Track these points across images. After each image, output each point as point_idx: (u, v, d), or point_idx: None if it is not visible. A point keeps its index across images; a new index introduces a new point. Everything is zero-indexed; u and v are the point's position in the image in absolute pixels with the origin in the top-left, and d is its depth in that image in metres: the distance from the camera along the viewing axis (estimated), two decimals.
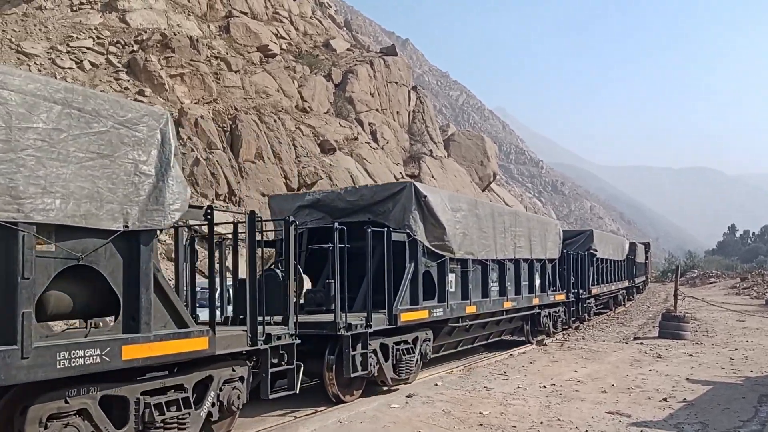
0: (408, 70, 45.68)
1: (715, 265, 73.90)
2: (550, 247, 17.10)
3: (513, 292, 14.47)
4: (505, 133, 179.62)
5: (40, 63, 22.16)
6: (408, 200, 10.48)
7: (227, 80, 28.28)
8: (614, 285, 26.42)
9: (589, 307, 21.64)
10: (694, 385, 10.49)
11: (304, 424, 8.00)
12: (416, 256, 10.52)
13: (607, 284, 24.58)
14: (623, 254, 28.84)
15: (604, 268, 24.14)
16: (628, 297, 32.06)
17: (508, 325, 15.42)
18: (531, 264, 15.62)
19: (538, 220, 17.46)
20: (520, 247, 14.80)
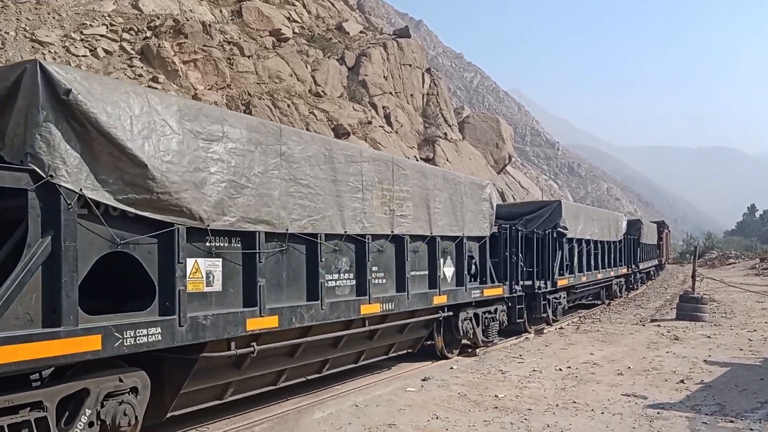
0: (422, 52, 45.39)
1: (734, 246, 73.24)
2: (471, 220, 11.54)
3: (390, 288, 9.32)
4: (520, 115, 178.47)
5: (55, 51, 22.26)
6: None
7: (240, 65, 28.27)
8: (604, 273, 21.40)
9: (555, 304, 16.88)
10: (711, 367, 10.43)
11: (320, 407, 8.06)
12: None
13: (590, 272, 19.66)
14: (618, 233, 23.41)
15: (585, 251, 19.13)
16: (628, 286, 26.95)
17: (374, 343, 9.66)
18: (432, 243, 10.20)
19: (445, 177, 10.90)
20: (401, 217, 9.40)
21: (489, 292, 12.27)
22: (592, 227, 19.75)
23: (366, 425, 7.19)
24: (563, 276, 16.78)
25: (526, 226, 15.52)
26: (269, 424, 7.33)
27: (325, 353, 8.51)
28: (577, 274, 18.22)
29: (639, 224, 29.31)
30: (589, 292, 21.10)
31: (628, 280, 26.81)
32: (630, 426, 7.06)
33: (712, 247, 67.12)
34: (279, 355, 7.53)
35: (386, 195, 8.94)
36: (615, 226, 23.04)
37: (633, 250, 27.15)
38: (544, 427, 7.04)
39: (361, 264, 8.43)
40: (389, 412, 7.79)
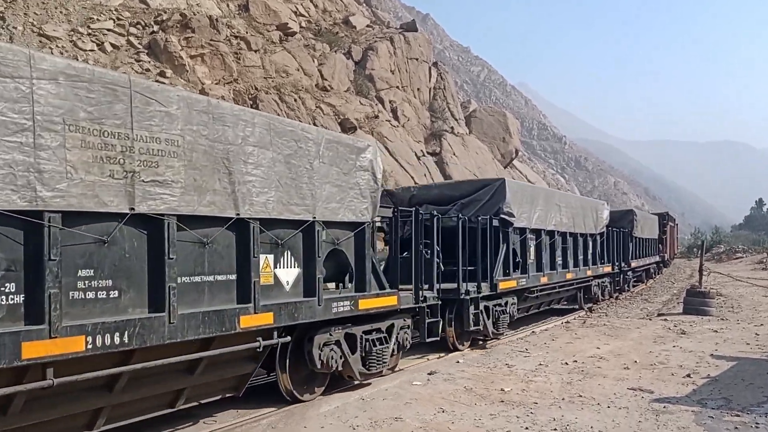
0: (428, 46, 45.29)
1: (742, 240, 72.99)
2: (335, 197, 7.96)
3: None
4: (527, 109, 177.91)
5: (62, 46, 22.33)
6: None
7: (247, 60, 28.28)
8: (577, 272, 17.59)
9: (497, 313, 12.74)
10: (718, 361, 10.42)
11: (327, 400, 8.11)
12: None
13: (556, 271, 15.95)
14: (597, 225, 19.19)
15: (547, 245, 15.46)
16: (615, 287, 22.40)
17: None
18: (244, 229, 6.79)
19: (272, 127, 7.03)
20: None
21: (369, 303, 8.53)
22: (557, 215, 15.91)
23: (372, 418, 7.22)
24: (509, 277, 13.10)
25: (461, 212, 12.31)
26: (276, 418, 7.38)
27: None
28: (534, 274, 14.39)
29: (631, 215, 25.39)
30: (557, 296, 17.15)
31: (615, 281, 22.40)
32: (636, 420, 7.07)
33: (719, 241, 66.85)
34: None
35: (112, 145, 5.27)
36: (593, 216, 18.95)
37: (622, 245, 23.11)
38: (550, 420, 7.06)
39: (36, 265, 4.77)
40: (396, 405, 7.83)
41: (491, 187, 13.13)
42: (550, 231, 15.58)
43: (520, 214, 13.49)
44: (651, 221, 30.75)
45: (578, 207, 18.14)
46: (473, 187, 13.41)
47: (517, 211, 13.32)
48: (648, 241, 29.31)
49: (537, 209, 14.62)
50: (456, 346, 11.76)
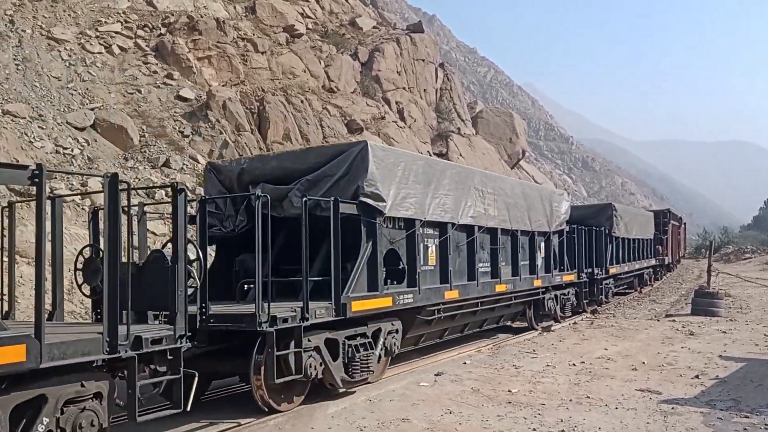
0: (435, 47, 45.28)
1: (751, 241, 72.58)
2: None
3: None
4: (534, 110, 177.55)
5: (70, 48, 22.43)
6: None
7: (254, 62, 28.34)
8: (509, 285, 12.97)
9: (351, 353, 8.47)
10: (726, 362, 10.38)
11: (334, 401, 8.12)
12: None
13: (470, 284, 11.50)
14: (552, 221, 15.21)
15: (454, 246, 11.11)
16: (583, 301, 18.02)
17: None
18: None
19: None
20: None
21: None
22: (479, 205, 11.71)
23: (379, 419, 7.23)
24: (378, 292, 8.87)
25: (307, 193, 8.46)
26: (284, 418, 7.39)
27: None
28: (431, 288, 10.20)
29: (609, 211, 21.00)
30: (484, 315, 12.88)
31: (582, 293, 17.75)
32: (644, 421, 7.05)
33: (728, 241, 66.52)
34: None
35: None
36: (545, 209, 14.93)
37: (595, 246, 19.03)
38: (558, 422, 7.05)
39: None
40: (403, 406, 7.84)
41: (348, 155, 8.70)
42: (465, 226, 11.27)
43: (398, 198, 9.21)
44: (642, 219, 26.58)
45: (518, 196, 13.52)
46: (324, 157, 9.01)
47: (392, 193, 9.01)
48: (639, 242, 25.38)
49: (439, 193, 10.31)
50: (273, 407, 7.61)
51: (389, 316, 9.25)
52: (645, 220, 27.40)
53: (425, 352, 11.70)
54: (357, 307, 8.30)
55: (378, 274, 8.82)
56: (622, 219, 21.88)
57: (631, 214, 24.71)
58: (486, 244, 12.26)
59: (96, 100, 20.80)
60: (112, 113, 20.42)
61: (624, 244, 22.54)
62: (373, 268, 8.79)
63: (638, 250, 25.28)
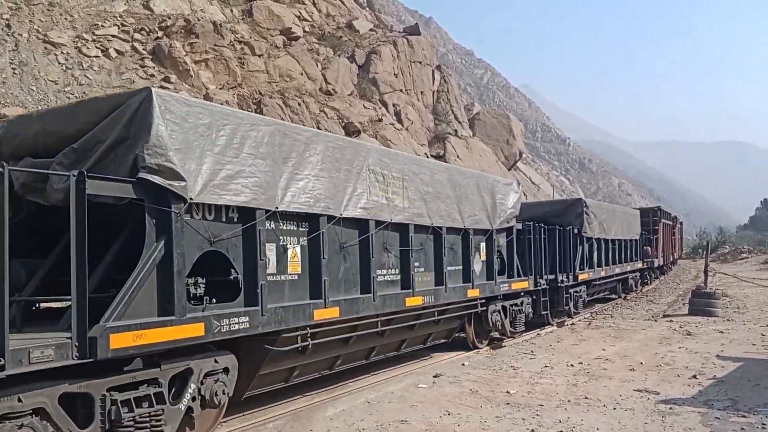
0: (432, 49, 45.36)
1: (747, 241, 72.73)
2: None
3: None
4: (531, 111, 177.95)
5: (67, 52, 22.45)
6: None
7: (251, 64, 28.38)
8: (426, 297, 9.93)
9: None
10: (724, 362, 10.41)
11: (333, 404, 8.13)
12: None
13: (356, 300, 8.27)
14: (494, 216, 12.28)
15: (314, 246, 7.65)
16: (546, 311, 15.39)
17: None
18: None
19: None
20: None
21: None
22: (365, 191, 8.49)
23: (378, 421, 7.25)
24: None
25: (75, 165, 5.61)
26: (282, 421, 7.40)
27: None
28: (275, 307, 7.04)
29: (579, 207, 17.81)
30: (403, 337, 10.29)
31: (541, 303, 14.90)
32: (642, 421, 7.07)
33: (724, 241, 66.65)
34: None
35: None
36: (484, 202, 11.90)
37: (561, 248, 16.31)
38: (556, 422, 7.07)
39: None
40: (401, 408, 7.85)
41: (125, 108, 5.72)
42: (355, 220, 8.26)
43: (219, 177, 6.25)
44: (624, 217, 23.19)
45: (442, 184, 10.50)
46: (98, 114, 5.89)
47: (204, 169, 6.08)
48: (621, 243, 22.31)
49: (303, 174, 7.38)
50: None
51: (207, 351, 6.32)
52: (628, 218, 23.95)
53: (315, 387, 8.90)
54: (120, 343, 5.14)
55: (175, 289, 5.69)
56: (596, 217, 18.80)
57: (608, 212, 21.23)
58: (392, 245, 9.10)
59: None
60: None
61: (600, 245, 19.65)
62: (167, 280, 5.67)
63: (620, 252, 22.25)
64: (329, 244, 7.76)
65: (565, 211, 17.76)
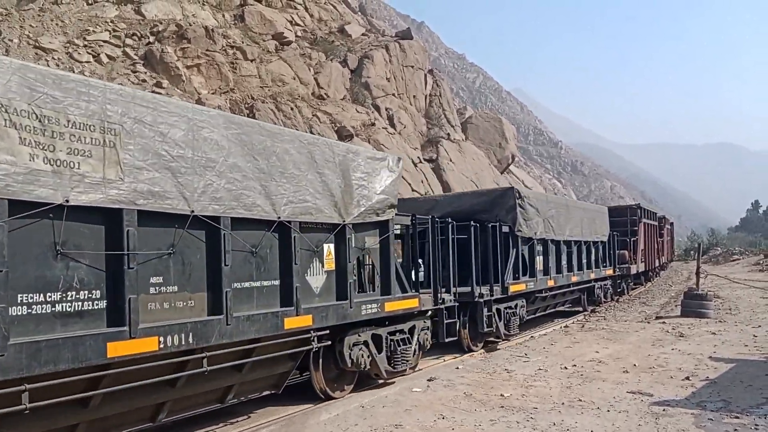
0: (424, 53, 45.45)
1: (738, 242, 73.10)
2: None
3: None
4: (523, 115, 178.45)
5: (58, 58, 22.38)
6: None
7: (243, 69, 28.37)
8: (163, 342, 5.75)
9: None
10: (716, 363, 10.45)
11: (327, 408, 8.11)
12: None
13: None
14: (350, 203, 8.49)
15: None
16: (451, 338, 11.30)
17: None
18: None
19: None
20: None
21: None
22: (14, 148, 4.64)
23: (372, 426, 7.24)
24: None
25: None
26: (276, 427, 7.38)
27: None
28: None
29: (510, 198, 13.88)
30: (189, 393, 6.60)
31: (443, 327, 10.94)
32: (636, 423, 7.09)
33: (716, 243, 66.96)
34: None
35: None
36: (324, 182, 8.06)
37: (481, 251, 12.83)
38: (550, 425, 7.08)
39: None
40: (396, 412, 7.84)
41: None
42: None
43: None
44: (585, 215, 19.01)
45: (220, 145, 6.46)
46: None
47: None
48: (582, 246, 18.63)
49: None
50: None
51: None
52: (591, 216, 19.65)
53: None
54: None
55: None
56: (539, 212, 14.87)
57: (559, 207, 16.85)
58: (80, 245, 5.18)
59: None
60: None
61: (549, 248, 15.78)
62: None
63: (580, 257, 18.44)
64: None
65: (493, 203, 13.90)
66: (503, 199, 13.90)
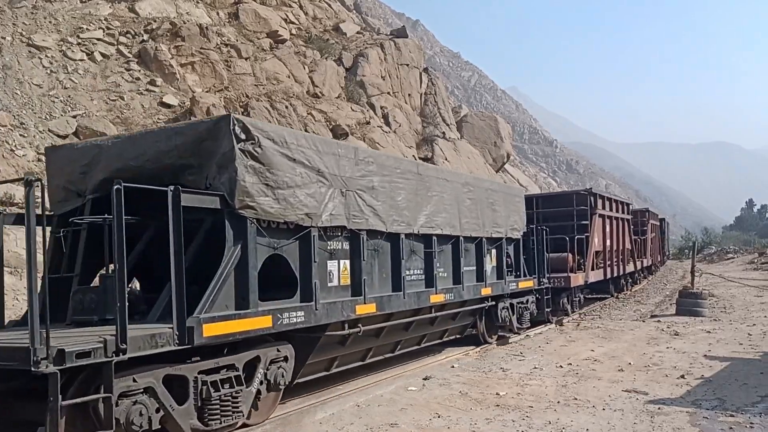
0: (419, 51, 45.40)
1: (733, 241, 73.39)
2: None
3: None
4: (518, 113, 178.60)
5: (51, 56, 22.25)
6: None
7: (238, 67, 28.25)
8: None
9: None
10: (711, 362, 10.46)
11: (322, 407, 8.09)
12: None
13: None
14: None
15: None
16: None
17: None
18: None
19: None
20: None
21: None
22: None
23: (368, 425, 7.21)
24: None
25: None
26: (271, 425, 7.35)
27: None
28: None
29: (222, 136, 6.71)
30: None
31: None
32: (631, 422, 7.08)
33: (710, 242, 67.17)
34: None
35: None
36: None
37: None
38: (546, 424, 7.07)
39: None
40: (391, 411, 7.82)
41: None
42: None
43: None
44: (472, 195, 11.80)
45: None
46: None
47: None
48: (463, 244, 11.34)
49: None
50: None
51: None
52: (487, 198, 12.46)
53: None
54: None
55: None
56: (321, 173, 7.87)
57: (397, 173, 9.53)
58: None
59: (78, 108, 20.65)
60: (95, 120, 20.28)
61: (381, 247, 9.17)
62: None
63: (468, 262, 11.68)
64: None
65: (200, 150, 7.01)
66: (213, 142, 6.86)
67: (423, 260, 10.27)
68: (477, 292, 11.85)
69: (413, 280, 9.89)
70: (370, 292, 8.66)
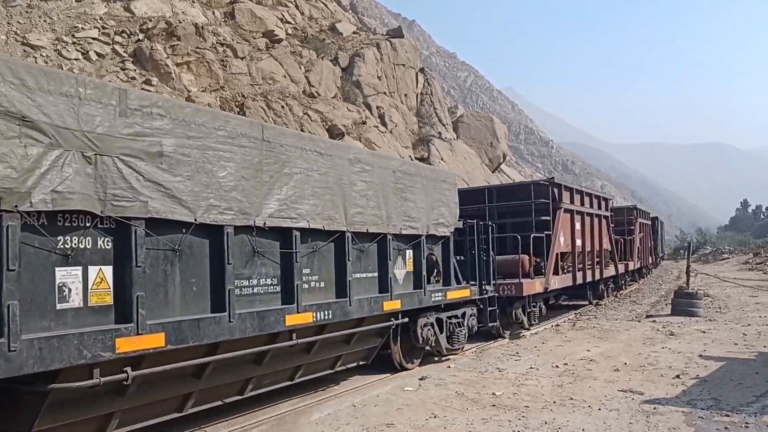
0: (415, 52, 45.42)
1: (728, 241, 73.64)
2: None
3: None
4: (514, 114, 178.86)
5: (47, 55, 22.20)
6: None
7: (234, 67, 28.22)
8: None
9: None
10: (707, 362, 10.48)
11: (318, 408, 8.07)
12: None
13: None
14: None
15: None
16: None
17: None
18: None
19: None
20: None
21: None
22: None
23: (364, 425, 7.20)
24: None
25: None
26: (267, 426, 7.34)
27: None
28: None
29: None
30: None
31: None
32: (627, 422, 7.09)
33: (705, 242, 67.37)
34: None
35: None
36: None
37: None
38: (542, 424, 7.07)
39: None
40: (387, 411, 7.81)
41: None
42: None
43: None
44: (379, 178, 9.05)
45: None
46: None
47: None
48: (363, 243, 8.78)
49: None
50: None
51: None
52: (382, 181, 9.23)
53: None
54: None
55: None
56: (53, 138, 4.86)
57: (238, 138, 6.61)
58: None
59: None
60: None
61: (182, 250, 6.09)
62: None
63: (365, 265, 9.00)
64: None
65: None
66: None
67: (278, 265, 7.33)
68: (377, 306, 8.97)
69: (257, 293, 7.02)
70: (155, 315, 5.66)
